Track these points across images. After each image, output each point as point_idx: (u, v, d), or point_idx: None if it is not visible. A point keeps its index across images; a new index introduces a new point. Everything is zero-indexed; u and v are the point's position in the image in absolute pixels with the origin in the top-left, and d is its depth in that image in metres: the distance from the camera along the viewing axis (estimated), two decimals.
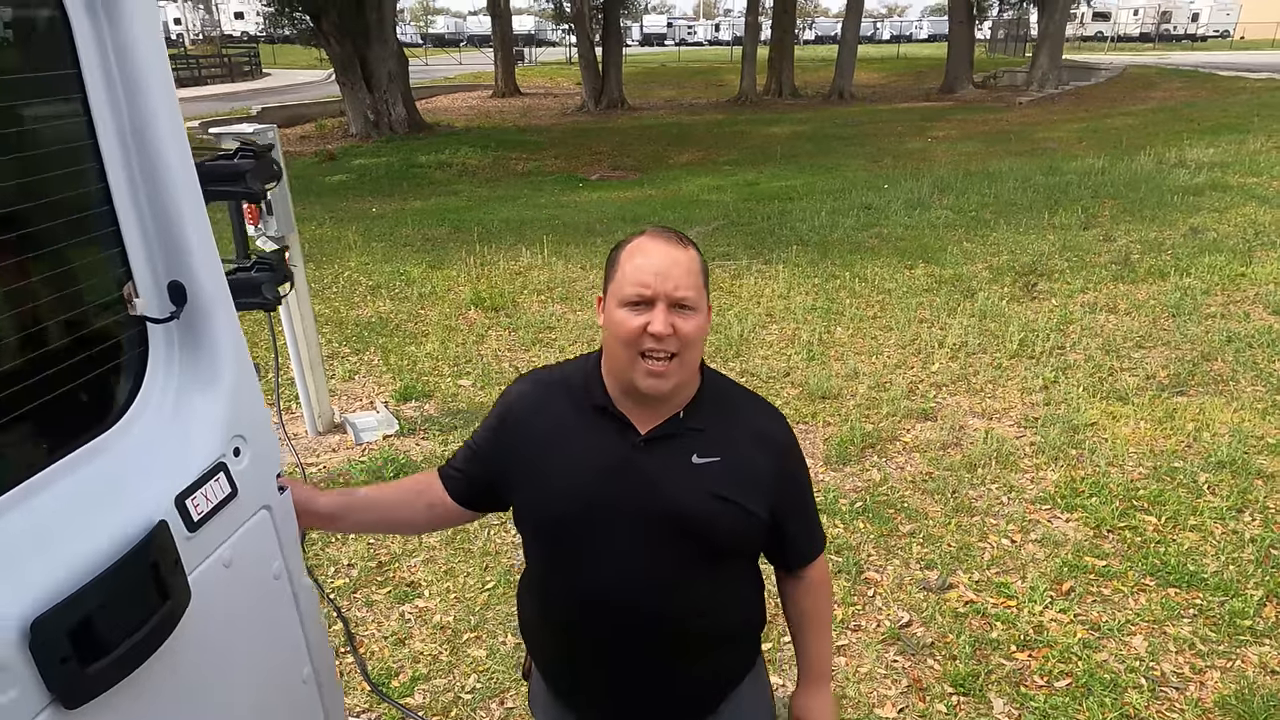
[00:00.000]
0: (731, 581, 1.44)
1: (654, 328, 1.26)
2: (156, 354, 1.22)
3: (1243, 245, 6.92)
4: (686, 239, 1.34)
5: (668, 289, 1.27)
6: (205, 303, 1.23)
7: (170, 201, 1.17)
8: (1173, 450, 3.96)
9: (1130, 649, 2.76)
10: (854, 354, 5.29)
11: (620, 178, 14.44)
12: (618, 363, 1.33)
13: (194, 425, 1.22)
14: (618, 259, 1.34)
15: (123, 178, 1.13)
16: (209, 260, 1.23)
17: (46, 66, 1.08)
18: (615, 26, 26.99)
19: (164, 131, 1.14)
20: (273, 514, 1.36)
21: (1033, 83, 24.97)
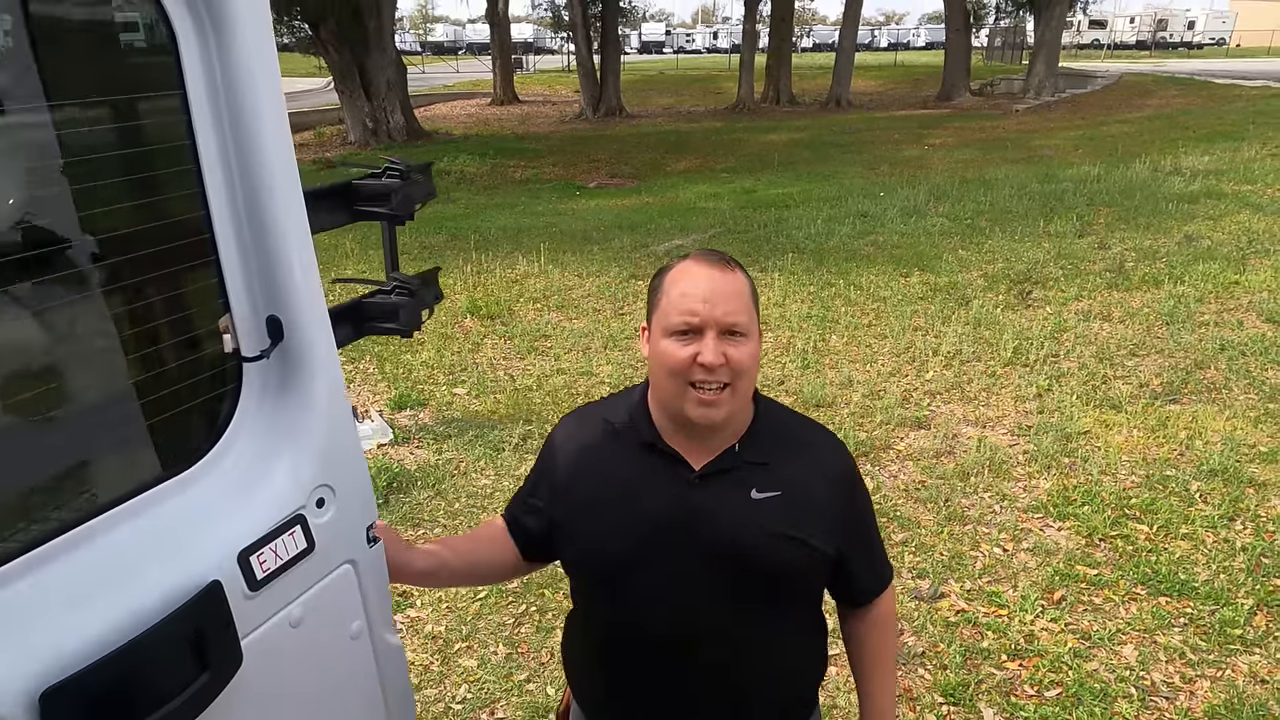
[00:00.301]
0: (793, 623, 1.37)
1: (704, 358, 1.19)
2: (245, 393, 1.13)
3: (1237, 253, 6.94)
4: (733, 261, 1.27)
5: (717, 315, 1.19)
6: (303, 340, 1.13)
7: (274, 230, 1.08)
8: (1165, 458, 3.97)
9: (1121, 658, 2.76)
10: (848, 362, 5.30)
11: (618, 185, 14.48)
12: (666, 395, 1.26)
13: (275, 473, 1.13)
14: (661, 286, 1.26)
15: (224, 204, 1.06)
16: (311, 294, 1.13)
17: (149, 87, 1.03)
18: (613, 34, 27.09)
19: (271, 155, 1.06)
20: (357, 569, 1.25)
21: (1029, 90, 25.06)
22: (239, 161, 1.04)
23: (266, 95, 1.03)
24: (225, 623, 1.02)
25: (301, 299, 1.12)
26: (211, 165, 1.03)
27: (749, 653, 1.30)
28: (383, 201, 1.59)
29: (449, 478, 4.04)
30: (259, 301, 1.11)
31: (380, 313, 1.67)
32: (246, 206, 1.06)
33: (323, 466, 1.17)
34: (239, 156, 1.04)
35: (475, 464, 4.16)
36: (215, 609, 1.01)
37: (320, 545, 1.16)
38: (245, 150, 1.04)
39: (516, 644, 2.95)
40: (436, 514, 3.76)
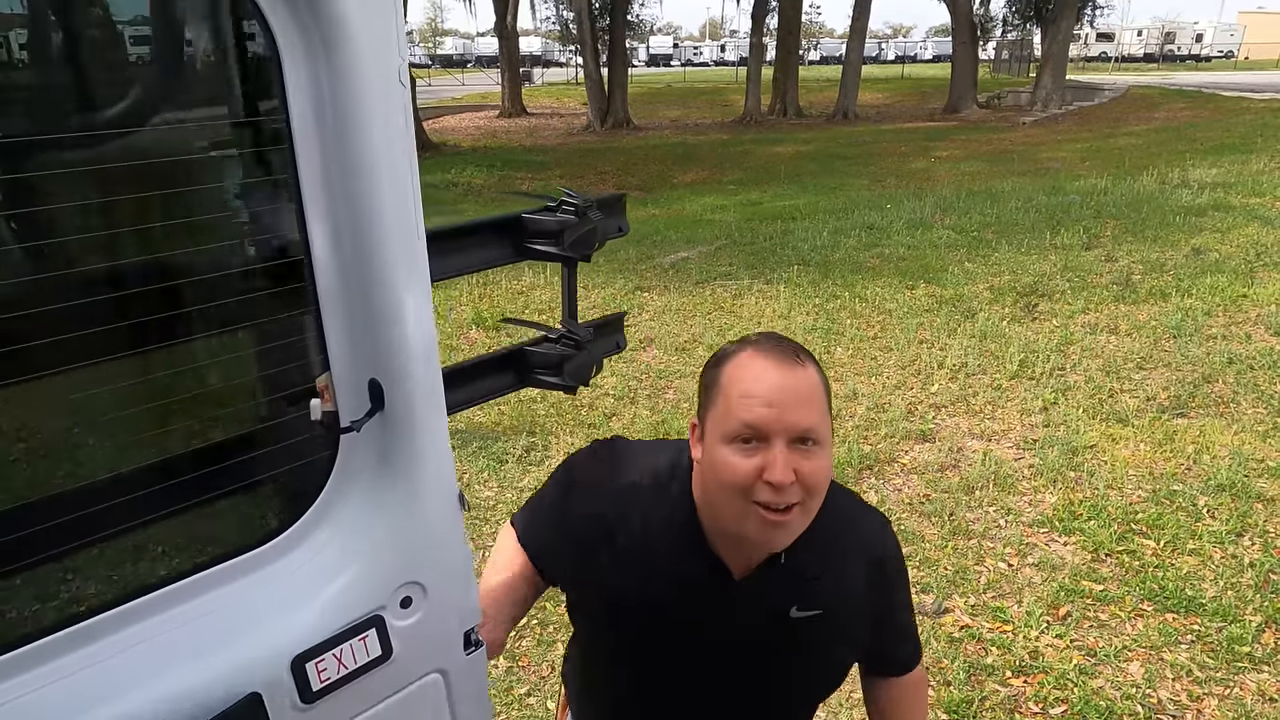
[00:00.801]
0: (815, 702, 1.33)
1: (772, 475, 1.01)
2: (335, 470, 0.98)
3: (1245, 266, 6.90)
4: (802, 351, 1.09)
5: (787, 422, 1.02)
6: (408, 409, 0.96)
7: (385, 279, 0.92)
8: (1172, 473, 3.94)
9: (1127, 675, 2.74)
10: (853, 374, 5.29)
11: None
12: (723, 513, 1.09)
13: (354, 565, 0.97)
14: (718, 381, 1.09)
15: (330, 247, 0.90)
16: (422, 356, 0.96)
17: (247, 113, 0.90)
18: (621, 47, 27.26)
19: (387, 195, 0.90)
20: (447, 680, 1.08)
21: (1036, 103, 25.07)
22: (348, 199, 0.89)
23: (386, 126, 0.88)
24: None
25: (411, 360, 0.95)
26: (316, 201, 0.89)
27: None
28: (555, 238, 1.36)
29: None
30: (361, 360, 0.95)
31: (543, 363, 1.43)
32: (355, 249, 0.91)
33: (414, 560, 1.01)
34: (348, 193, 0.89)
35: (479, 476, 4.16)
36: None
37: (400, 653, 1.00)
38: (357, 186, 0.89)
39: (517, 657, 2.94)
40: None
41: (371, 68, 0.86)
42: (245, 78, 0.89)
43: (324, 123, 0.86)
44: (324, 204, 0.89)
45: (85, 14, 0.83)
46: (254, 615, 0.91)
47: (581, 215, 1.34)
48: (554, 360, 1.42)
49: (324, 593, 0.95)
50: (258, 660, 0.89)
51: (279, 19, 0.82)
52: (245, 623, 0.90)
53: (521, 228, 1.35)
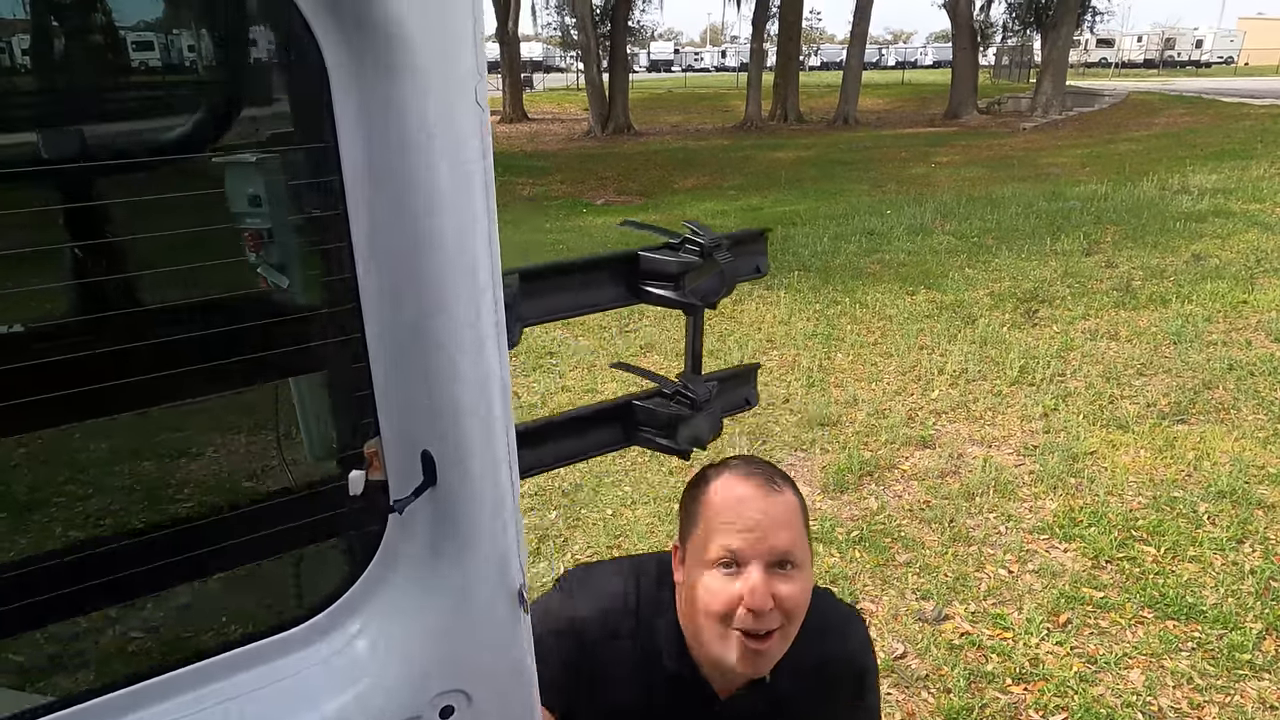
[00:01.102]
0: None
1: (752, 601, 1.03)
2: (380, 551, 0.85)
3: (1245, 272, 6.91)
4: (779, 475, 1.10)
5: (764, 549, 1.04)
6: (466, 485, 0.83)
7: (448, 330, 0.78)
8: (1173, 479, 3.94)
9: (1127, 683, 2.73)
10: (854, 381, 5.29)
11: (625, 202, 14.55)
12: (704, 638, 1.10)
13: (387, 663, 0.84)
14: (698, 507, 1.11)
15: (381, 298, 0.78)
16: (489, 424, 0.82)
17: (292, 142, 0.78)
18: (622, 53, 27.32)
19: (453, 236, 0.77)
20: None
21: (1036, 108, 25.12)
22: (406, 238, 0.76)
23: (456, 157, 0.75)
24: None
25: (473, 432, 0.81)
26: (366, 240, 0.76)
27: None
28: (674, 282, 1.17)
29: None
30: (412, 427, 0.82)
31: (653, 421, 1.23)
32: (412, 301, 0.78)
33: (460, 664, 0.87)
34: (405, 234, 0.76)
35: None
36: None
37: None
38: (417, 229, 0.76)
39: None
40: None
41: (439, 88, 0.73)
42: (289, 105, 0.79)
43: (377, 152, 0.74)
44: (376, 243, 0.77)
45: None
46: (263, 713, 0.80)
47: (706, 256, 1.16)
48: (666, 420, 1.22)
49: (347, 693, 0.82)
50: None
51: (326, 34, 0.71)
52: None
53: (637, 267, 1.18)
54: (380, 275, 0.78)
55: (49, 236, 0.73)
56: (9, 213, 0.72)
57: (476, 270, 0.79)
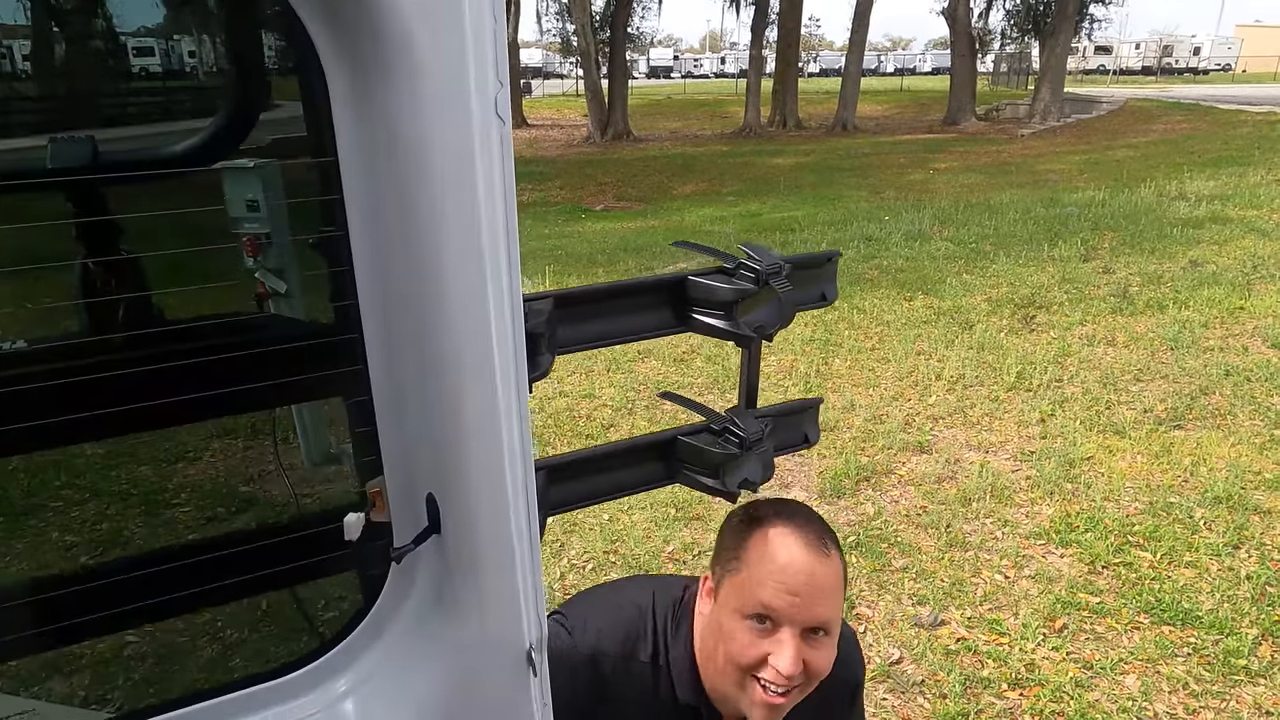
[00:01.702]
0: None
1: (782, 665, 1.02)
2: (382, 598, 0.79)
3: (1242, 278, 6.92)
4: (829, 535, 1.07)
5: (805, 617, 1.03)
6: (473, 534, 0.75)
7: (450, 366, 0.71)
8: (1169, 485, 3.94)
9: (1123, 688, 2.73)
10: (851, 386, 5.30)
11: (624, 208, 14.58)
12: (721, 681, 1.10)
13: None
14: (744, 549, 1.07)
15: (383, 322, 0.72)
16: (503, 461, 0.71)
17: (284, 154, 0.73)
18: (621, 59, 27.41)
19: (464, 263, 0.69)
20: None
21: (1035, 115, 25.19)
22: (408, 265, 0.70)
23: (462, 171, 0.67)
24: None
25: (482, 472, 0.72)
26: (367, 263, 0.71)
27: None
28: (726, 310, 1.03)
29: None
30: (416, 469, 0.75)
31: (697, 459, 1.10)
32: (418, 324, 0.71)
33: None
34: (410, 257, 0.69)
35: None
36: None
37: None
38: (424, 258, 0.69)
39: None
40: None
41: (450, 101, 0.65)
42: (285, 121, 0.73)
43: (382, 171, 0.69)
44: (381, 274, 0.71)
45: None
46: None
47: (763, 284, 1.02)
48: (712, 460, 1.09)
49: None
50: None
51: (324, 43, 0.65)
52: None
53: (685, 293, 1.06)
54: (384, 296, 0.72)
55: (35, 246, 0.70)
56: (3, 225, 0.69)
57: (489, 294, 0.69)
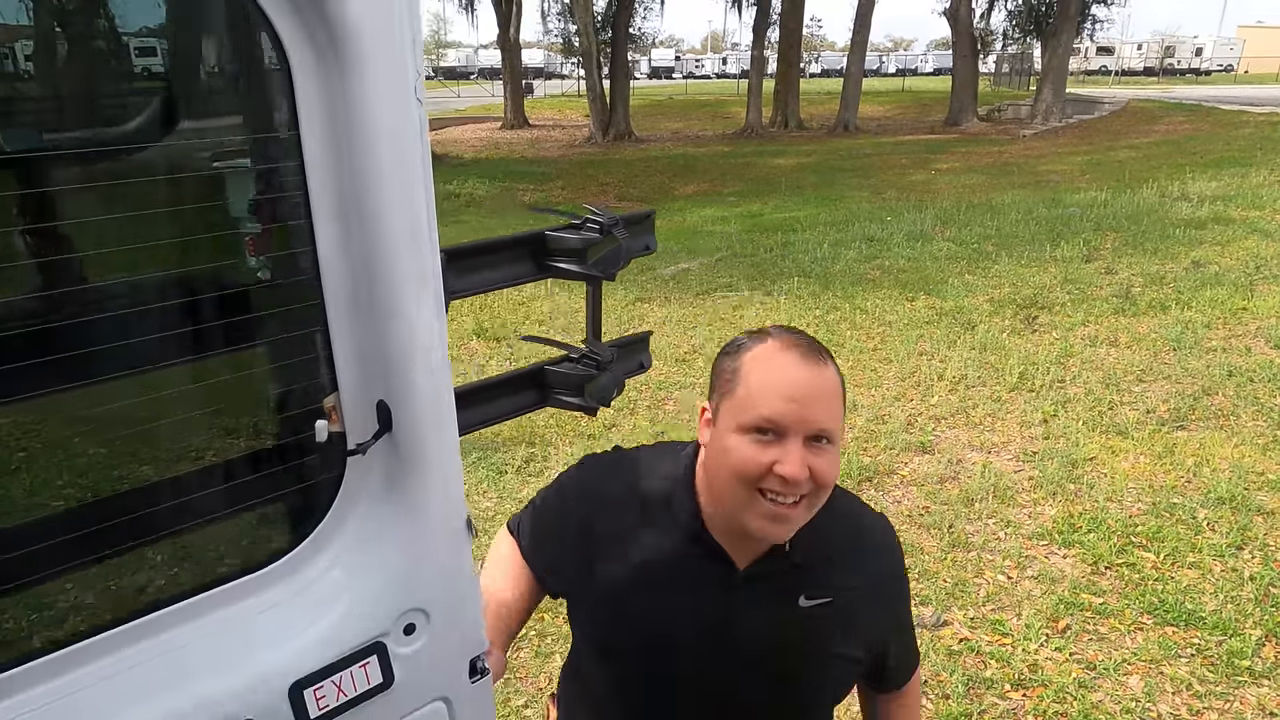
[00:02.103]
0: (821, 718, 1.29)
1: (786, 469, 1.01)
2: (341, 492, 0.96)
3: (1244, 279, 6.92)
4: (824, 351, 1.09)
5: (807, 420, 1.02)
6: (416, 431, 0.94)
7: (397, 298, 0.90)
8: (1172, 486, 3.93)
9: (1126, 689, 2.73)
10: (853, 386, 5.29)
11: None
12: (727, 499, 1.08)
13: (355, 591, 0.95)
14: (738, 369, 1.08)
15: (339, 264, 0.89)
16: (432, 377, 0.94)
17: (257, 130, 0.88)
18: (623, 60, 27.41)
19: (400, 210, 0.88)
20: (451, 708, 1.05)
21: (1036, 116, 25.16)
22: (359, 215, 0.87)
23: (400, 143, 0.86)
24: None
25: (421, 383, 0.93)
26: (326, 217, 0.87)
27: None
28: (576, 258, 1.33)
29: None
30: (369, 381, 0.93)
31: (564, 383, 1.39)
32: (366, 267, 0.89)
33: (419, 587, 0.98)
34: (359, 209, 0.87)
35: (478, 486, 4.16)
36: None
37: (402, 680, 0.98)
38: (368, 203, 0.87)
39: (515, 669, 2.93)
40: None
41: (386, 84, 0.84)
42: (256, 93, 0.87)
43: (336, 140, 0.85)
44: (335, 222, 0.88)
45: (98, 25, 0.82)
46: (251, 641, 0.89)
47: (606, 233, 1.31)
48: (575, 381, 1.38)
49: (325, 619, 0.93)
50: (254, 687, 0.87)
51: (290, 33, 0.80)
52: (242, 648, 0.88)
53: (544, 245, 1.33)
54: (337, 245, 0.88)
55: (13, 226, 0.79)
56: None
57: (420, 239, 0.90)
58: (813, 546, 1.14)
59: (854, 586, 1.17)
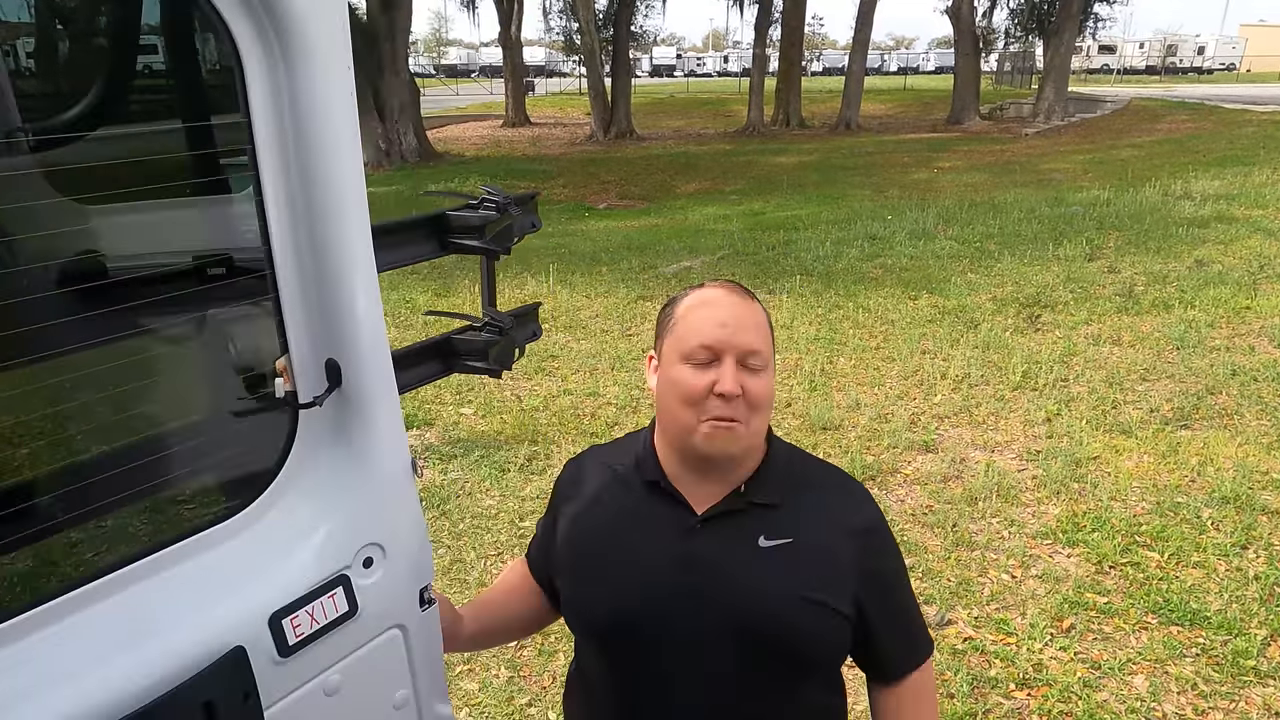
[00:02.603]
0: (808, 690, 1.22)
1: (722, 386, 1.11)
2: (296, 442, 1.06)
3: (1248, 278, 6.90)
4: (750, 292, 1.22)
5: (736, 343, 1.13)
6: (363, 386, 1.06)
7: (339, 267, 1.01)
8: (1176, 485, 3.92)
9: (1131, 689, 2.72)
10: (856, 385, 5.28)
11: (627, 207, 14.56)
12: (676, 427, 1.17)
13: (319, 530, 1.06)
14: (674, 312, 1.21)
15: (288, 239, 0.99)
16: (373, 337, 1.05)
17: (212, 114, 0.98)
18: (624, 58, 27.37)
19: (340, 189, 0.99)
20: (406, 634, 1.17)
21: (1039, 114, 25.13)
22: (305, 195, 0.98)
23: (338, 127, 0.97)
24: (245, 692, 0.95)
25: (364, 342, 1.04)
26: (276, 197, 0.97)
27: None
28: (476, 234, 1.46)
29: (454, 498, 4.03)
30: (318, 343, 1.03)
31: (470, 350, 1.55)
32: (311, 242, 1.00)
33: (373, 524, 1.09)
34: (305, 189, 0.97)
35: (481, 485, 4.16)
36: (236, 677, 0.94)
37: (364, 609, 1.08)
38: (312, 183, 0.97)
39: (519, 667, 2.93)
40: (441, 535, 3.75)
41: (328, 75, 0.94)
42: (212, 83, 0.98)
43: (283, 125, 0.94)
44: (283, 200, 0.97)
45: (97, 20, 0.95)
46: (232, 578, 0.99)
47: (503, 211, 1.45)
48: (480, 347, 1.54)
49: (295, 555, 1.03)
50: (240, 617, 0.96)
51: (241, 29, 0.89)
52: (225, 585, 0.98)
53: (446, 224, 1.45)
54: (285, 221, 0.98)
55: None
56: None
57: (358, 213, 1.01)
58: (772, 490, 1.20)
59: (818, 530, 1.18)
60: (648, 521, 1.21)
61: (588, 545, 1.25)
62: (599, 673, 1.28)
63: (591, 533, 1.26)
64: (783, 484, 1.21)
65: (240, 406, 1.07)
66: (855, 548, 1.18)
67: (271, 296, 0.99)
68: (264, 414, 1.04)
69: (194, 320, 1.04)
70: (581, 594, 1.25)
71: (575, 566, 1.27)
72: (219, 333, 1.07)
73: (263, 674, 0.97)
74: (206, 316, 1.05)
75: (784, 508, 1.19)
